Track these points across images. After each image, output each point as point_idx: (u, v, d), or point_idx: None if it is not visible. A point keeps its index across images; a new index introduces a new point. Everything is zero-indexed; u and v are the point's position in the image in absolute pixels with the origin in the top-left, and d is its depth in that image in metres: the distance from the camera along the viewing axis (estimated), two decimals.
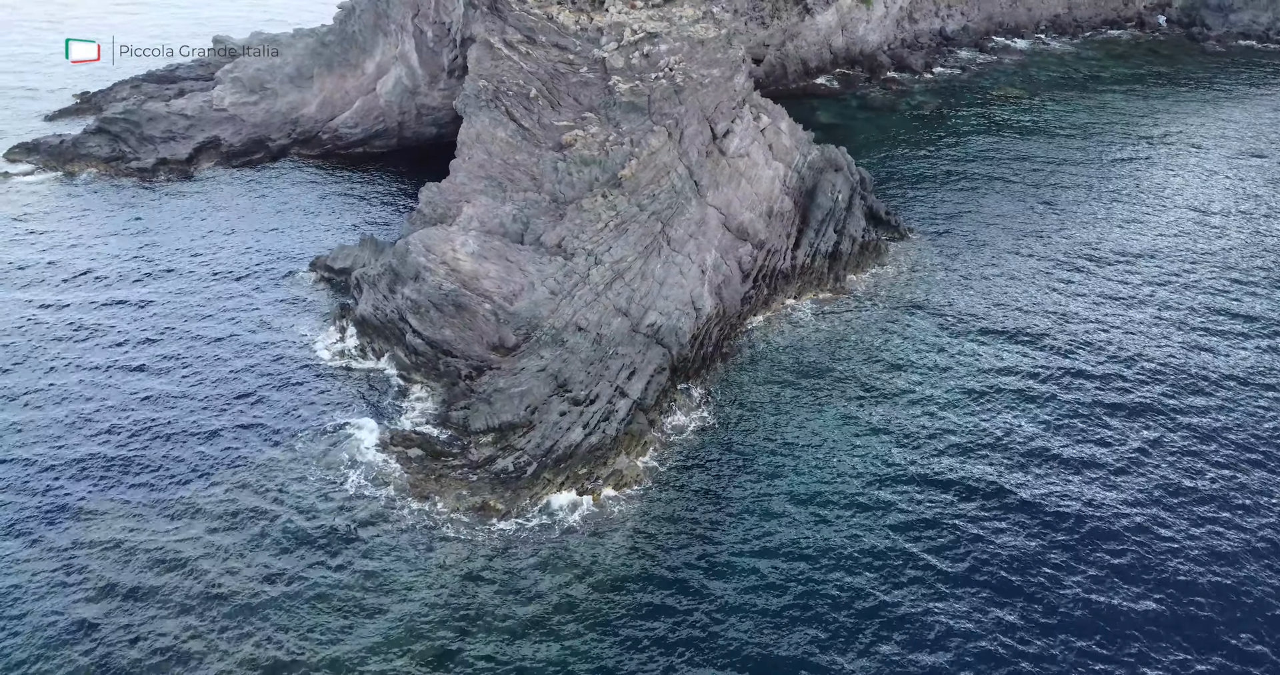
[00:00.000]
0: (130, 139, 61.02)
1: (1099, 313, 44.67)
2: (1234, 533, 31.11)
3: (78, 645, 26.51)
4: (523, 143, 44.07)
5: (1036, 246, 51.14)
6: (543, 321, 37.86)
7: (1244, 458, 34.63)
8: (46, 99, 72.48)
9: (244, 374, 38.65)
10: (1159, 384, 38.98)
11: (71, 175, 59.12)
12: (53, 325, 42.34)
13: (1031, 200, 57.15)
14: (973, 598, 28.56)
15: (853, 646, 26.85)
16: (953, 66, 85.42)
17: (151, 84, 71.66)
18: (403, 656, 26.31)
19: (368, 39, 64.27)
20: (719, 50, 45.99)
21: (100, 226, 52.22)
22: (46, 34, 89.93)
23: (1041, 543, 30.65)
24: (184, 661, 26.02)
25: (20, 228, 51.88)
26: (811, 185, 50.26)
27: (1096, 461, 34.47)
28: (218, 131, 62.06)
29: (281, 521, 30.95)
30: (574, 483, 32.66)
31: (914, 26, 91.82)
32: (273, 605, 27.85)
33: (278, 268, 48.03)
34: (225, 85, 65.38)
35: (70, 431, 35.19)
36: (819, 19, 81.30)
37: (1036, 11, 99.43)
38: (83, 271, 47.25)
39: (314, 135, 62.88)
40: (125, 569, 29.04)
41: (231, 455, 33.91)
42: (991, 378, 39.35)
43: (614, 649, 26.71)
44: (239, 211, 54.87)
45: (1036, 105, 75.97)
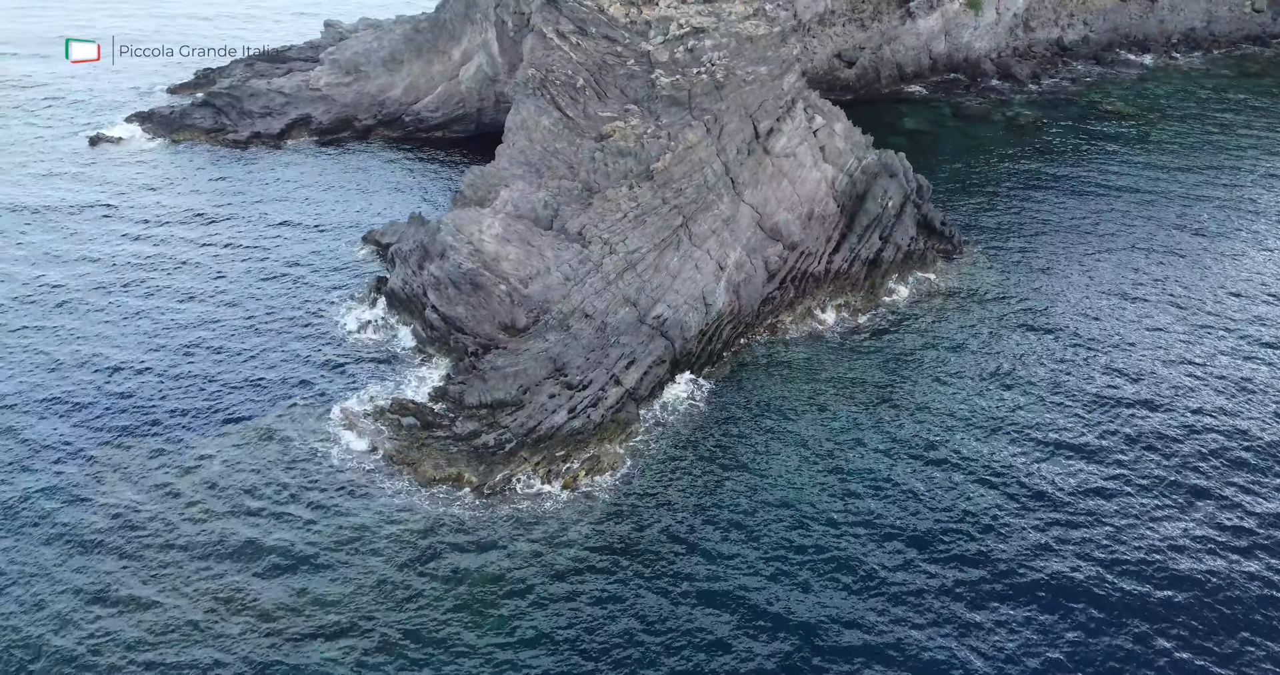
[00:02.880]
0: (231, 112, 65.30)
1: (1154, 365, 39.67)
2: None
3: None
4: (564, 131, 44.84)
5: (1104, 278, 47.29)
6: (553, 306, 38.57)
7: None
8: (173, 71, 78.22)
9: (270, 333, 41.08)
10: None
11: (176, 142, 63.82)
12: (116, 267, 46.15)
13: (1115, 228, 53.49)
14: (945, 609, 27.60)
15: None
16: (1062, 78, 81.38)
17: (264, 62, 76.30)
18: (341, 612, 27.50)
19: (457, 27, 66.56)
20: (770, 48, 45.53)
21: (189, 187, 56.47)
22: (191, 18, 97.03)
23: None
24: (143, 608, 28.02)
25: (125, 183, 56.72)
26: (863, 190, 49.10)
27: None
28: (310, 110, 65.62)
29: (266, 476, 32.76)
30: (549, 464, 33.22)
31: (1029, 35, 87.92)
32: (237, 553, 29.57)
33: (336, 238, 50.61)
34: (324, 66, 69.03)
35: (81, 369, 38.37)
36: (920, 23, 79.05)
37: (1170, 24, 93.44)
38: (164, 222, 51.80)
39: (397, 117, 65.63)
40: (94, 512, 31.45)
41: (235, 409, 36.13)
42: (1003, 411, 37.60)
43: (549, 627, 27.10)
44: (316, 184, 57.99)
45: (1146, 123, 71.48)
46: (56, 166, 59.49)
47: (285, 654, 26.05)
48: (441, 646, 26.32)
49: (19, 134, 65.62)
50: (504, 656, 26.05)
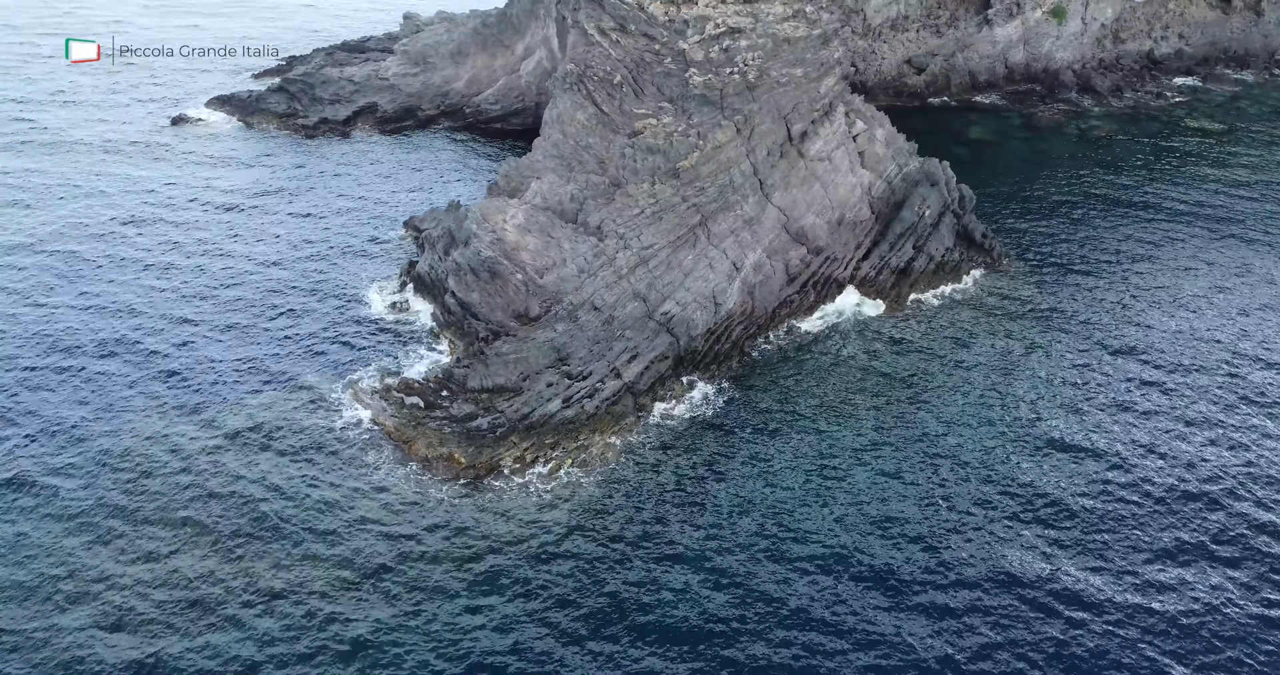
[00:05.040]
0: (303, 98, 68.08)
1: (1198, 419, 36.62)
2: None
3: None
4: (598, 127, 45.38)
5: (1148, 302, 45.18)
6: (565, 296, 39.16)
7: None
8: (261, 57, 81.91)
9: (300, 308, 42.91)
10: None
11: (250, 126, 66.86)
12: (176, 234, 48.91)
13: (1174, 249, 50.83)
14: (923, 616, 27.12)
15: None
16: (1147, 92, 77.98)
17: (344, 52, 79.31)
18: (316, 568, 28.62)
19: (523, 22, 67.92)
20: (808, 50, 45.17)
21: (251, 167, 59.24)
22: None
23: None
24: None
25: (193, 160, 59.94)
26: (901, 198, 48.27)
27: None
28: (376, 98, 67.90)
29: (269, 441, 34.27)
30: (537, 450, 33.80)
31: (1118, 47, 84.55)
32: (228, 514, 31.10)
33: (382, 222, 52.35)
34: (396, 57, 71.36)
35: (116, 324, 41.05)
36: (998, 31, 76.94)
37: (1275, 40, 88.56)
38: (221, 199, 54.86)
39: (459, 108, 67.38)
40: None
41: (253, 378, 37.86)
42: (1014, 430, 36.48)
43: (514, 610, 27.65)
44: (373, 170, 60.09)
45: (1232, 142, 67.99)
46: (137, 141, 63.10)
47: (259, 611, 27.33)
48: (405, 617, 27.21)
49: (111, 111, 69.76)
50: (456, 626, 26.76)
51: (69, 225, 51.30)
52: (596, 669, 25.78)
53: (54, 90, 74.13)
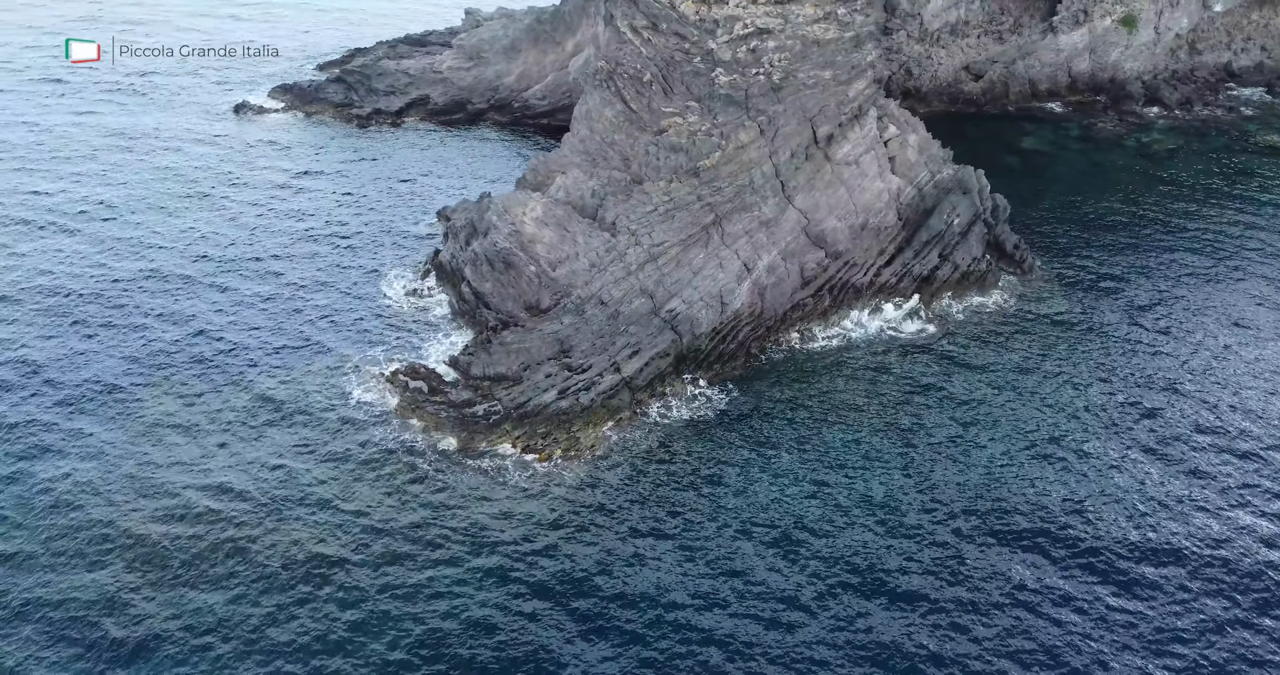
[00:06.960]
0: (360, 89, 70.04)
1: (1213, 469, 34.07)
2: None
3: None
4: (625, 124, 45.71)
5: (1189, 326, 43.03)
6: (574, 290, 39.64)
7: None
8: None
9: (325, 290, 44.47)
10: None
11: (309, 115, 69.01)
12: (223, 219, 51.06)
13: (1224, 270, 48.28)
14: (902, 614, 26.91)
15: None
16: (1219, 106, 74.80)
17: (405, 45, 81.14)
18: (300, 544, 29.69)
19: (574, 19, 68.60)
20: (839, 53, 44.72)
21: (302, 154, 61.56)
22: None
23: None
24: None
25: (249, 145, 62.48)
26: (931, 205, 47.44)
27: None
28: (429, 91, 69.42)
29: (275, 419, 35.61)
30: (529, 439, 34.35)
31: (1194, 58, 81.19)
32: (234, 489, 32.45)
33: (417, 211, 53.67)
34: (452, 51, 72.87)
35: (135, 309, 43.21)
36: (1062, 38, 74.74)
37: None
38: (270, 183, 56.94)
39: (507, 103, 68.45)
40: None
41: (270, 356, 39.36)
42: (1021, 440, 35.62)
43: (487, 596, 28.27)
44: (418, 160, 61.66)
45: None
46: (198, 127, 65.77)
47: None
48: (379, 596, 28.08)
49: (177, 95, 72.78)
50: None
51: (133, 198, 54.30)
52: (573, 658, 26.18)
53: (126, 74, 77.27)
